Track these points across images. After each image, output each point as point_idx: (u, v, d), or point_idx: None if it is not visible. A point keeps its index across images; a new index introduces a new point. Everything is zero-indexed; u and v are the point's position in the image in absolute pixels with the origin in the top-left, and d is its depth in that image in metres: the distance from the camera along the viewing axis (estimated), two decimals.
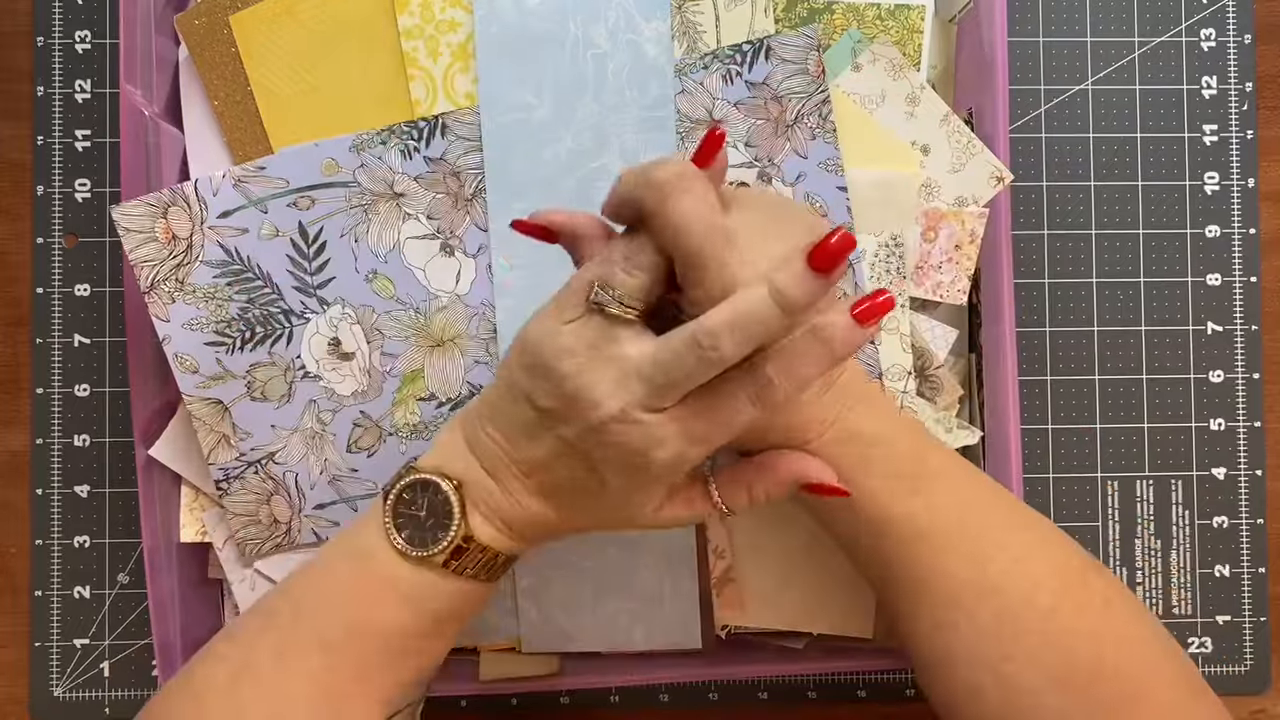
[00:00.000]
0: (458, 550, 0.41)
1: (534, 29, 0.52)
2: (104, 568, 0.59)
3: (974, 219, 0.53)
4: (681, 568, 0.53)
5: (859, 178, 0.52)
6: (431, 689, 0.54)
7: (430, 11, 0.52)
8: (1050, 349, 0.60)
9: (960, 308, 0.55)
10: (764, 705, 0.60)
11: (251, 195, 0.51)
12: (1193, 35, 0.61)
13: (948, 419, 0.53)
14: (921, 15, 0.54)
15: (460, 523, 0.41)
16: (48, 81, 0.59)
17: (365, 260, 0.52)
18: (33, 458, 0.59)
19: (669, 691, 0.60)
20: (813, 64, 0.52)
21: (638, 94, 0.52)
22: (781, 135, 0.52)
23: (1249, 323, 0.61)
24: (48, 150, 0.59)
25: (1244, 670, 0.60)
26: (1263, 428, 0.60)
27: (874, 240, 0.52)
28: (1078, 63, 0.61)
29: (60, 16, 0.59)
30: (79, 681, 0.59)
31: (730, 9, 0.52)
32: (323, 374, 0.52)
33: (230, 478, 0.52)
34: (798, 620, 0.54)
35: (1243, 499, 0.60)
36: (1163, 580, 0.60)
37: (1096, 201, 0.60)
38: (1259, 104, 0.61)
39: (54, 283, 0.59)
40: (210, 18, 0.53)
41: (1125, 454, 0.60)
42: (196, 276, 0.51)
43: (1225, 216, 0.61)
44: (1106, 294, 0.60)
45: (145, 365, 0.53)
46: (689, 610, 0.54)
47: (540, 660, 0.55)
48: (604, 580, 0.53)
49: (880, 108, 0.53)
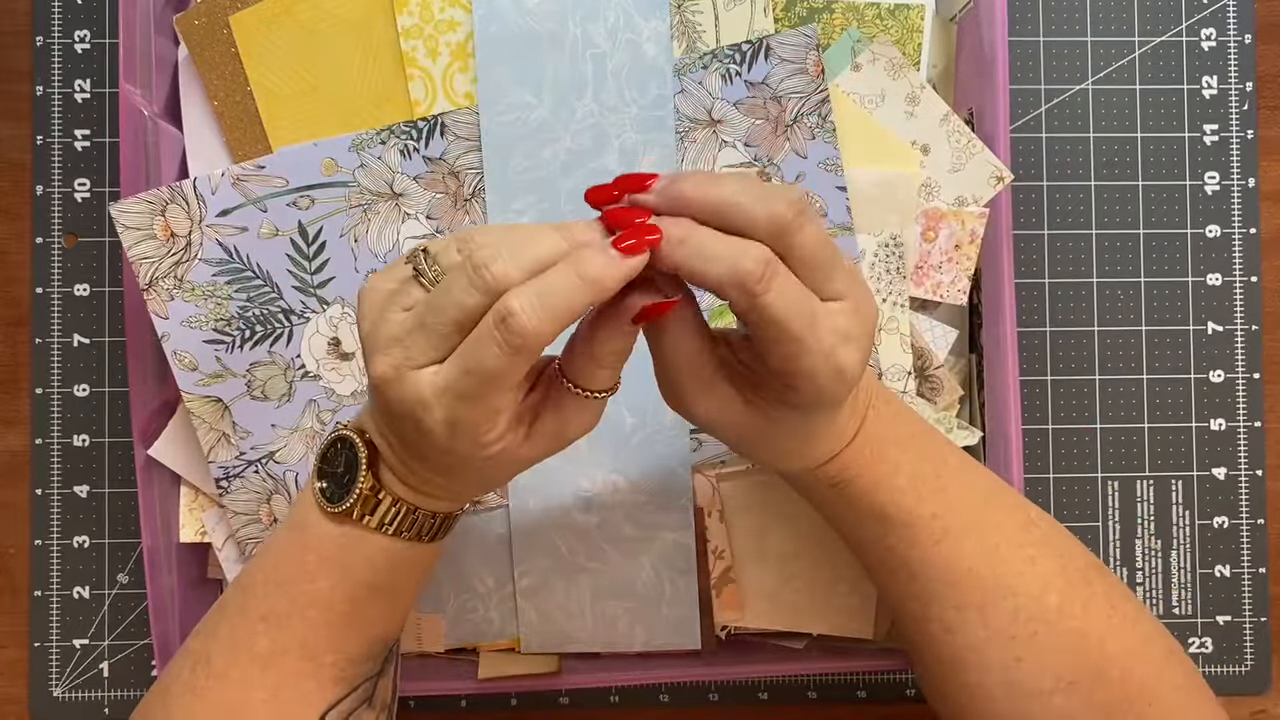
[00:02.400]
0: (371, 504, 0.40)
1: (533, 29, 0.52)
2: (104, 568, 0.59)
3: (974, 219, 0.53)
4: (681, 568, 0.53)
5: (859, 177, 0.52)
6: (431, 689, 0.54)
7: (429, 11, 0.52)
8: (1050, 349, 0.60)
9: (960, 308, 0.55)
10: (764, 705, 0.60)
11: (251, 194, 0.51)
12: (1193, 35, 0.61)
13: (948, 419, 0.53)
14: (921, 15, 0.54)
15: (366, 473, 0.40)
16: (47, 81, 0.59)
17: (365, 260, 0.52)
18: (32, 458, 0.59)
19: (669, 691, 0.60)
20: (812, 63, 0.52)
21: (637, 94, 0.52)
22: (781, 135, 0.52)
23: (1249, 323, 0.60)
24: (47, 150, 0.59)
25: (1244, 670, 0.60)
26: (1263, 428, 0.60)
27: (874, 240, 0.52)
28: (1078, 63, 0.61)
29: (60, 16, 0.59)
30: (78, 682, 0.59)
31: (729, 8, 0.52)
32: (322, 374, 0.52)
33: (230, 477, 0.52)
34: (798, 620, 0.54)
35: (1243, 499, 0.60)
36: (1163, 580, 0.60)
37: (1096, 201, 0.60)
38: (1259, 104, 0.61)
39: (53, 282, 0.59)
40: (210, 18, 0.53)
41: (1125, 454, 0.60)
42: (195, 274, 0.51)
43: (1225, 216, 0.61)
44: (1106, 294, 0.60)
45: (145, 365, 0.53)
46: (688, 610, 0.54)
47: (540, 660, 0.55)
48: (604, 580, 0.53)
49: (880, 107, 0.53)
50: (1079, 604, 0.41)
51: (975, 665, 0.42)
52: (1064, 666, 0.41)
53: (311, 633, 0.41)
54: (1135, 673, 0.41)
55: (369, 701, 0.43)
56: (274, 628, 0.41)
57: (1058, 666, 0.41)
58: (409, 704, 0.59)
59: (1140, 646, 0.42)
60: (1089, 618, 0.41)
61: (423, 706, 0.59)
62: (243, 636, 0.41)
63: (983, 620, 0.42)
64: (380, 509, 0.41)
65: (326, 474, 0.41)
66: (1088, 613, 0.41)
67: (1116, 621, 0.42)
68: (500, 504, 0.53)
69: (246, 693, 0.41)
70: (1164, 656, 0.42)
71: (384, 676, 0.44)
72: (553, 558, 0.53)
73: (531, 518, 0.53)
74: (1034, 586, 0.41)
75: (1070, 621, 0.41)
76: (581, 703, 0.60)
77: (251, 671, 0.41)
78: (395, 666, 0.46)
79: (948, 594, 0.42)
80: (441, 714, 0.59)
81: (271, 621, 0.41)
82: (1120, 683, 0.40)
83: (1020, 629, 0.41)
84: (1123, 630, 0.41)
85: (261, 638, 0.41)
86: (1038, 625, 0.41)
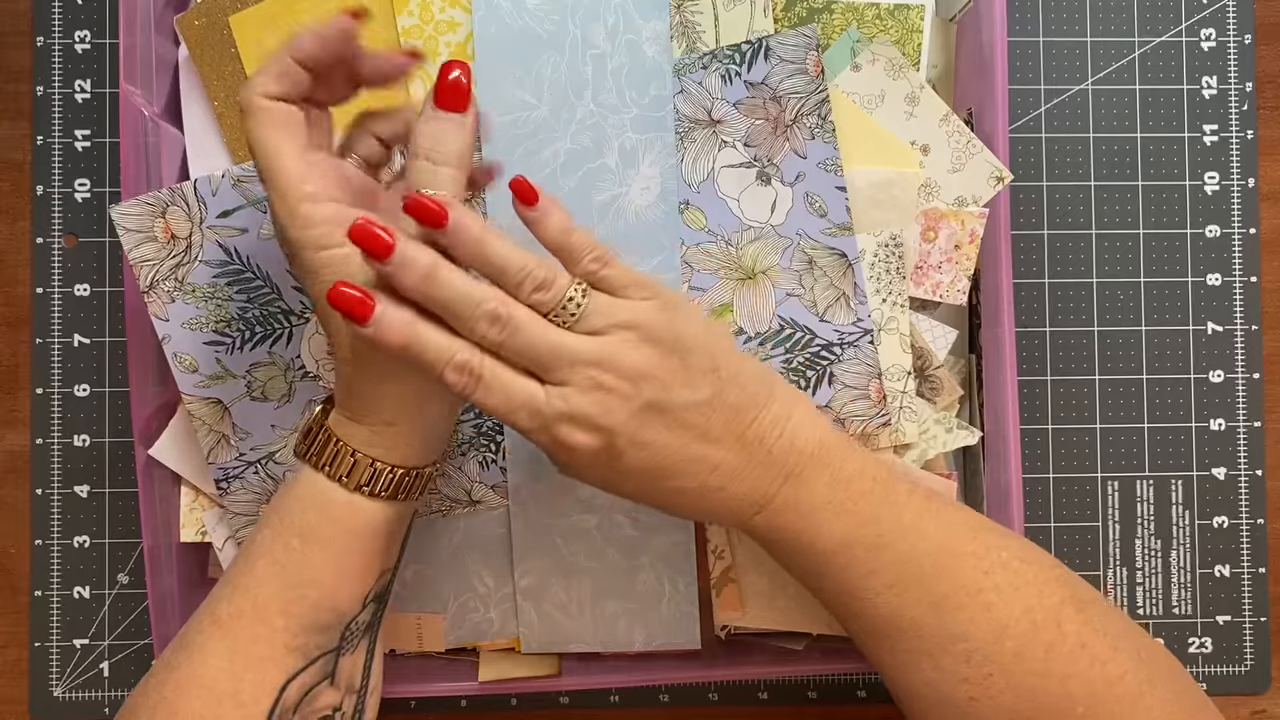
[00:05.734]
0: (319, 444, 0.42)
1: (533, 29, 0.52)
2: (104, 568, 0.59)
3: (974, 219, 0.53)
4: (681, 568, 0.53)
5: (858, 178, 0.52)
6: (431, 689, 0.54)
7: (429, 12, 0.52)
8: (1050, 349, 0.60)
9: (960, 308, 0.55)
10: (764, 705, 0.60)
11: (251, 195, 0.51)
12: (1193, 35, 0.61)
13: (947, 419, 0.53)
14: (921, 15, 0.54)
15: (318, 412, 0.43)
16: (47, 81, 0.59)
17: None
18: (33, 458, 0.59)
19: (669, 692, 0.60)
20: (812, 64, 0.52)
21: (636, 94, 0.52)
22: (780, 135, 0.52)
23: (1249, 323, 0.60)
24: (47, 150, 0.59)
25: (1244, 670, 0.60)
26: (1263, 428, 0.60)
27: (873, 240, 0.52)
28: (1078, 63, 0.61)
29: (60, 16, 0.59)
30: (79, 682, 0.59)
31: (729, 9, 0.52)
32: (322, 374, 0.52)
33: (230, 477, 0.52)
34: (797, 621, 0.54)
35: (1243, 499, 0.60)
36: (1162, 580, 0.60)
37: (1096, 201, 0.60)
38: (1259, 104, 0.61)
39: (54, 283, 0.59)
40: (210, 18, 0.53)
41: (1125, 454, 0.60)
42: (196, 276, 0.51)
43: (1225, 216, 0.61)
44: (1106, 294, 0.60)
45: (145, 365, 0.53)
46: (688, 611, 0.54)
47: (540, 661, 0.55)
48: (603, 581, 0.53)
49: (880, 107, 0.53)
50: (1041, 648, 0.41)
51: (933, 700, 0.42)
52: (1021, 706, 0.41)
53: (261, 590, 0.42)
54: (1100, 711, 0.40)
55: (331, 679, 0.43)
56: (232, 589, 0.42)
57: (1014, 705, 0.41)
58: (409, 704, 0.59)
59: (1108, 686, 0.41)
60: (1051, 660, 0.41)
61: (423, 707, 0.59)
62: (211, 604, 0.43)
63: (933, 664, 0.42)
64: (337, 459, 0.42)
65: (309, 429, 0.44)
66: (1051, 655, 0.41)
67: (1084, 663, 0.41)
68: (500, 504, 0.53)
69: (206, 660, 0.41)
70: (1141, 687, 0.41)
71: (345, 654, 0.44)
72: (553, 558, 0.53)
73: (531, 517, 0.53)
74: (988, 633, 0.41)
75: (1029, 664, 0.41)
76: (581, 703, 0.60)
77: (213, 638, 0.42)
78: (369, 654, 0.46)
79: (896, 638, 0.42)
80: (441, 714, 0.59)
81: (231, 582, 0.42)
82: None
83: (973, 671, 0.41)
84: (1090, 671, 0.41)
85: (223, 601, 0.42)
86: (992, 668, 0.41)
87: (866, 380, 0.52)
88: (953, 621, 0.41)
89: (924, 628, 0.42)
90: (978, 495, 0.54)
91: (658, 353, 0.40)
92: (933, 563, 0.42)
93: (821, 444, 0.43)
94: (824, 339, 0.52)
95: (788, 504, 0.42)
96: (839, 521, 0.42)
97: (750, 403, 0.42)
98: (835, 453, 0.43)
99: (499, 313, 0.39)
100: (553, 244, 0.41)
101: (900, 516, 0.43)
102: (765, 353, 0.52)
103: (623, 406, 0.40)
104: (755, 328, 0.52)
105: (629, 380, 0.40)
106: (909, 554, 0.42)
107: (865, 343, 0.52)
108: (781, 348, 0.52)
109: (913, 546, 0.42)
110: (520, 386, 0.40)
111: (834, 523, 0.42)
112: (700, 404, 0.41)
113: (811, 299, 0.52)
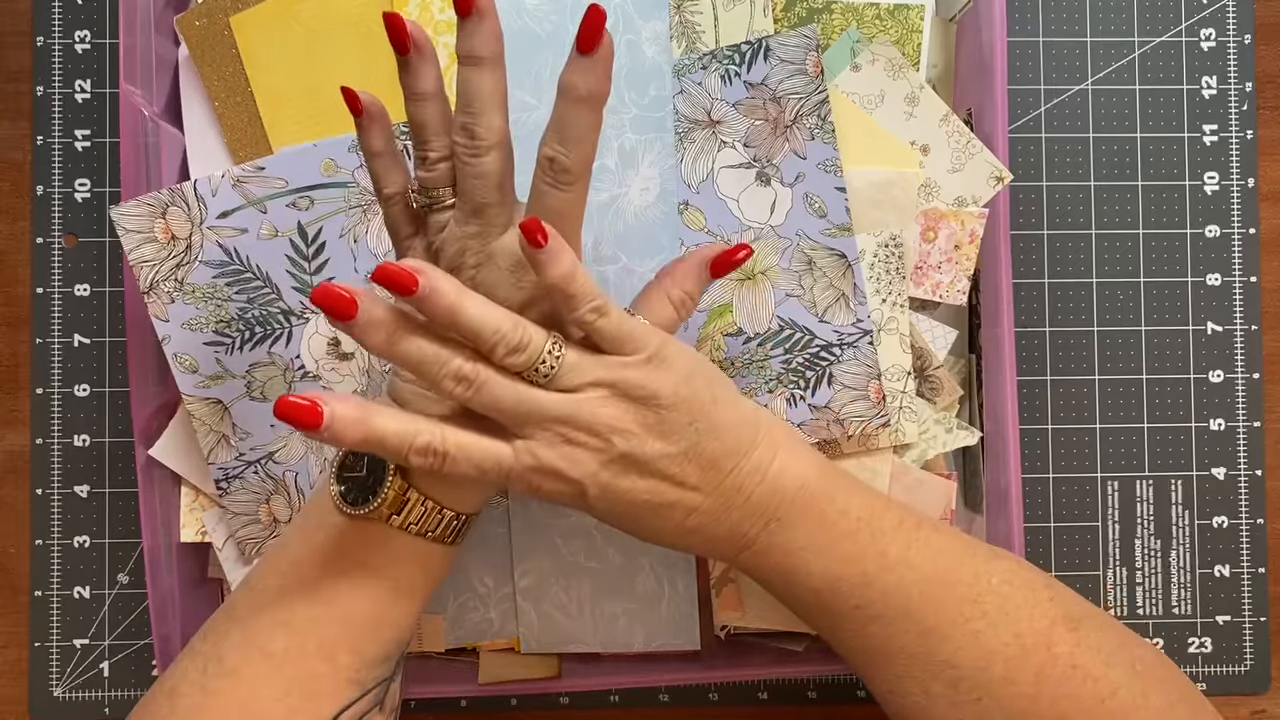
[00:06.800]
0: (398, 503, 0.42)
1: (532, 29, 0.52)
2: (104, 568, 0.59)
3: (973, 219, 0.53)
4: (680, 568, 0.53)
5: (858, 178, 0.52)
6: (431, 690, 0.54)
7: (429, 12, 0.52)
8: (1050, 349, 0.60)
9: (960, 308, 0.55)
10: (764, 706, 0.60)
11: (250, 195, 0.51)
12: (1193, 35, 0.61)
13: (947, 419, 0.53)
14: (921, 15, 0.54)
15: (395, 473, 0.42)
16: (47, 81, 0.59)
17: (364, 260, 0.52)
18: (33, 458, 0.59)
19: (669, 692, 0.60)
20: (811, 64, 0.52)
21: (636, 94, 0.52)
22: (780, 136, 0.52)
23: (1249, 323, 0.60)
24: (47, 150, 0.59)
25: (1244, 670, 0.60)
26: (1263, 428, 0.60)
27: (873, 240, 0.52)
28: (1078, 63, 0.61)
29: (60, 16, 0.60)
30: (79, 682, 0.59)
31: (729, 9, 0.52)
32: (322, 374, 0.52)
33: (230, 477, 0.52)
34: (797, 621, 0.54)
35: (1243, 499, 0.60)
36: (1162, 580, 0.60)
37: (1096, 201, 0.60)
38: (1259, 104, 0.61)
39: (54, 283, 0.59)
40: (210, 19, 0.53)
41: (1125, 454, 0.60)
42: (196, 276, 0.51)
43: (1225, 216, 0.61)
44: (1106, 294, 0.60)
45: (145, 365, 0.53)
46: (688, 611, 0.54)
47: (540, 661, 0.55)
48: (603, 581, 0.53)
49: (879, 108, 0.53)
50: (1031, 672, 0.41)
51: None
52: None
53: (330, 633, 0.41)
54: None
55: (380, 705, 0.43)
56: (290, 629, 0.41)
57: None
58: (409, 704, 0.59)
59: (1100, 704, 0.41)
60: (1042, 683, 0.41)
61: (423, 707, 0.59)
62: (257, 637, 0.41)
63: (923, 690, 0.42)
64: (408, 507, 0.42)
65: (348, 481, 0.42)
66: (1041, 678, 0.41)
67: (1076, 683, 0.41)
68: (500, 504, 0.53)
69: (257, 690, 0.41)
70: (1135, 700, 0.41)
71: (395, 680, 0.44)
72: (553, 558, 0.53)
73: (531, 517, 0.53)
74: (976, 660, 0.41)
75: (1019, 688, 0.41)
76: (582, 703, 0.60)
77: (264, 670, 0.41)
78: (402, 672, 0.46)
79: (885, 665, 0.43)
80: (441, 714, 0.59)
81: (289, 624, 0.41)
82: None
83: (962, 696, 0.41)
84: (1082, 690, 0.41)
85: (278, 638, 0.41)
86: (981, 693, 0.41)
87: (866, 381, 0.52)
88: (940, 650, 0.42)
89: (913, 656, 0.42)
90: (977, 495, 0.54)
91: (631, 408, 0.40)
92: (920, 594, 0.42)
93: (804, 486, 0.43)
94: (823, 339, 0.52)
95: (772, 546, 0.43)
96: (822, 562, 0.43)
97: (729, 453, 0.42)
98: (820, 494, 0.43)
99: (464, 372, 0.39)
100: (554, 287, 0.40)
101: (887, 551, 0.43)
102: (765, 353, 0.52)
103: (592, 459, 0.40)
104: (755, 328, 0.52)
105: (598, 435, 0.40)
106: (896, 587, 0.42)
107: (865, 343, 0.52)
108: (781, 348, 0.52)
109: (900, 579, 0.42)
110: (484, 452, 0.40)
111: (817, 563, 0.43)
112: (675, 455, 0.41)
113: (811, 299, 0.52)
